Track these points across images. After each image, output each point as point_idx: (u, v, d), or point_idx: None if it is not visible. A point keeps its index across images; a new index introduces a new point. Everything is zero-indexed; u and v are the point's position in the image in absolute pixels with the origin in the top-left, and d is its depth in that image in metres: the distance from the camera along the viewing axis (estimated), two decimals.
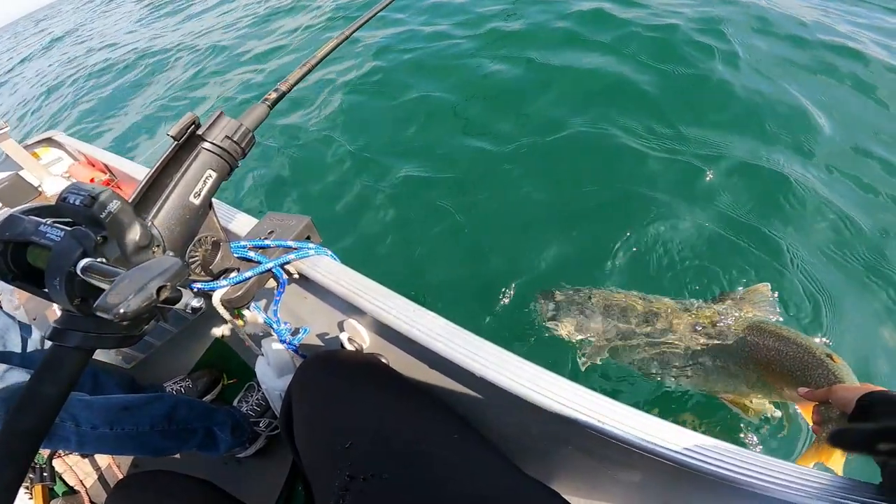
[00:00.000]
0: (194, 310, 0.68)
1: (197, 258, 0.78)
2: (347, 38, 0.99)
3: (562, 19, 3.65)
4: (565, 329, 1.60)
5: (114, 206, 0.58)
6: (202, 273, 0.80)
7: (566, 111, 2.80)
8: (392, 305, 0.83)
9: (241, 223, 1.06)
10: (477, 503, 0.66)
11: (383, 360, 0.97)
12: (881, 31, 3.36)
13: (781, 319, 1.41)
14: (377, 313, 0.82)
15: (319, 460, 0.78)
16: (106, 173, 1.49)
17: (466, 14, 4.18)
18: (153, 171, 0.69)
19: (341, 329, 0.99)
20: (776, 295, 1.76)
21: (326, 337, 1.07)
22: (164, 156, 0.70)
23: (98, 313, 0.49)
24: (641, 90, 2.84)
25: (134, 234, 0.61)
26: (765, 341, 1.34)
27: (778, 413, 1.39)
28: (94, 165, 1.56)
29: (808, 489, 0.61)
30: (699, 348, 1.42)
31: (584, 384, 0.70)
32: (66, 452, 1.58)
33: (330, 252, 0.96)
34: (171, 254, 0.67)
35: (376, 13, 1.05)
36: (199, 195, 0.71)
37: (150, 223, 0.67)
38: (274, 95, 0.83)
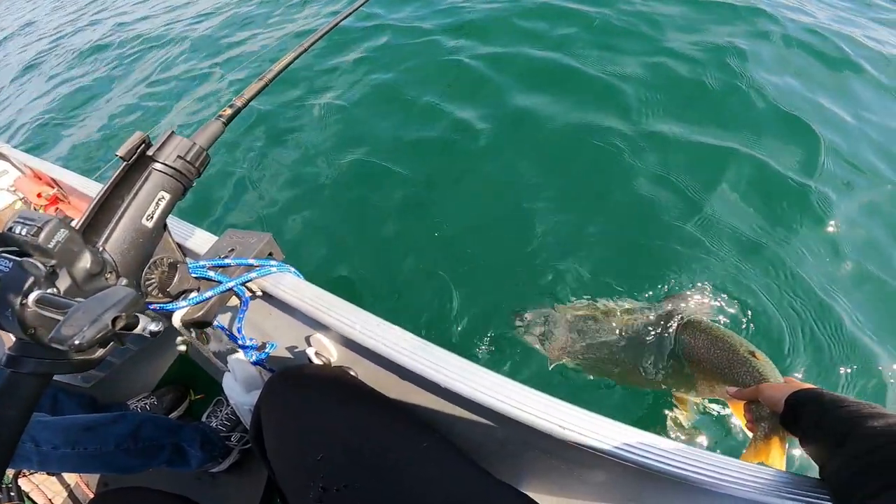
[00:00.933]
0: (153, 333, 0.67)
1: (153, 280, 0.76)
2: (306, 50, 0.98)
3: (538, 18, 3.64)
4: (534, 341, 1.66)
5: (61, 235, 0.57)
6: (160, 295, 0.79)
7: (547, 111, 2.78)
8: (356, 320, 0.83)
9: (201, 241, 1.03)
10: None
11: (351, 373, 0.97)
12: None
13: (721, 319, 1.48)
14: (342, 329, 0.82)
15: (292, 474, 0.79)
16: (54, 187, 1.43)
17: (436, 7, 4.12)
18: (102, 193, 0.67)
19: (308, 343, 0.98)
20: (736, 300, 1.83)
21: (294, 351, 1.06)
22: (114, 177, 0.69)
23: (53, 345, 0.49)
24: (624, 91, 2.83)
25: (84, 262, 0.60)
26: (696, 341, 1.39)
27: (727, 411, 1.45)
28: (40, 178, 1.49)
29: (758, 485, 0.64)
30: (644, 349, 1.47)
31: (548, 389, 0.73)
32: (31, 472, 1.53)
33: (293, 269, 0.95)
34: (123, 282, 0.65)
35: (336, 25, 1.04)
36: (153, 218, 0.70)
37: (101, 248, 0.65)
38: (229, 111, 0.82)
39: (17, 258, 0.56)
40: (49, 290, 0.56)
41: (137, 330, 0.64)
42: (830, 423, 0.71)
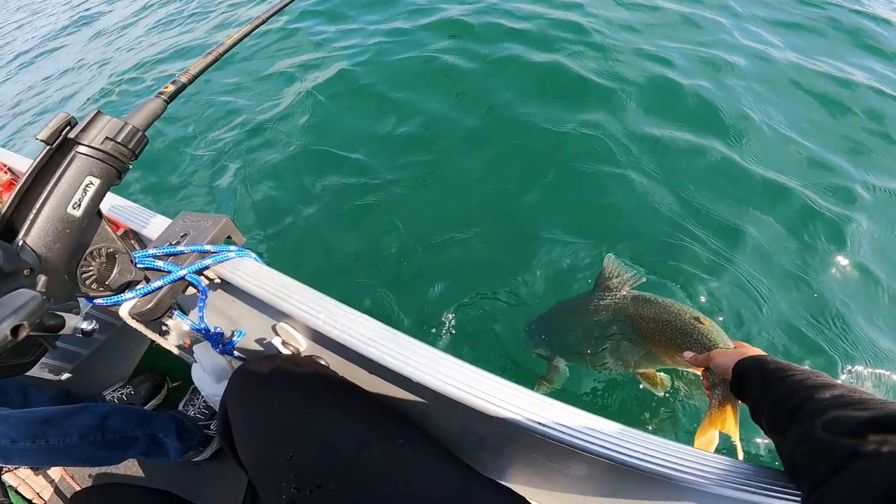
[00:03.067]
0: (85, 333, 0.61)
1: (91, 273, 0.70)
2: (258, 26, 0.90)
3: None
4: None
5: None
6: (100, 289, 0.72)
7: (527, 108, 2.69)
8: (320, 309, 0.77)
9: (157, 225, 0.96)
10: None
11: (322, 363, 0.92)
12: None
13: (644, 280, 1.44)
14: (306, 319, 0.76)
15: (263, 474, 0.75)
16: (6, 173, 1.34)
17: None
18: (22, 183, 0.60)
19: (275, 332, 0.93)
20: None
21: (262, 340, 1.01)
22: (35, 163, 0.61)
23: None
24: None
25: None
26: (642, 313, 1.35)
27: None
28: None
29: (739, 480, 0.61)
30: (600, 336, 1.45)
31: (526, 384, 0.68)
32: (15, 466, 1.50)
33: (253, 254, 0.88)
34: (42, 279, 0.58)
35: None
36: (80, 205, 0.62)
37: (20, 243, 0.59)
38: (172, 88, 0.74)
39: None
40: None
41: (66, 331, 0.58)
42: (778, 397, 0.69)
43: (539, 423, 0.62)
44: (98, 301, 0.74)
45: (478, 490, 0.71)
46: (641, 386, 1.45)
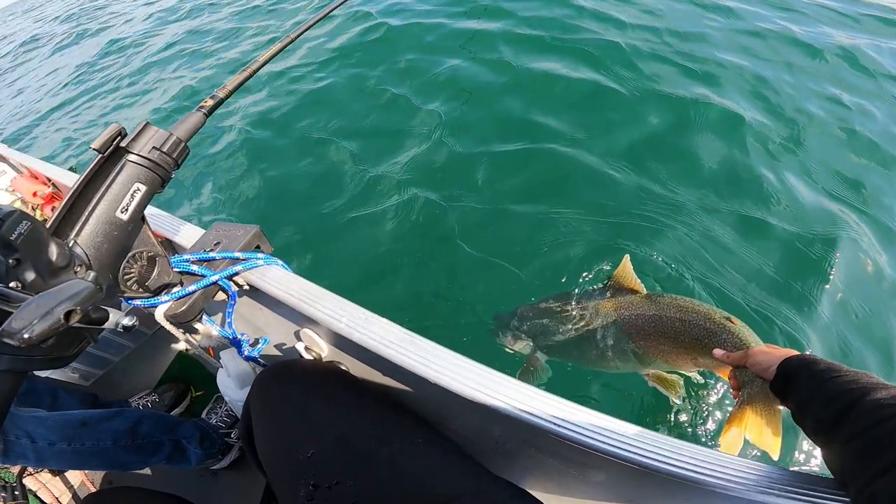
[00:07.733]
0: (126, 328, 0.65)
1: (132, 274, 0.74)
2: (292, 41, 0.96)
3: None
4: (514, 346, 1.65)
5: (24, 227, 0.55)
6: (139, 290, 0.77)
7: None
8: (343, 314, 0.80)
9: (189, 235, 1.02)
10: None
11: (343, 368, 0.95)
12: None
13: (659, 288, 1.43)
14: (329, 323, 0.80)
15: (282, 471, 0.76)
16: (49, 186, 1.43)
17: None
18: (75, 187, 0.66)
19: (298, 338, 0.96)
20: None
21: (285, 347, 1.04)
22: (88, 170, 0.67)
23: (4, 339, 0.47)
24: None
25: (50, 254, 0.58)
26: (666, 314, 1.30)
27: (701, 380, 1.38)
28: (36, 178, 1.49)
29: (763, 484, 0.61)
30: (611, 334, 1.40)
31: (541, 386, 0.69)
32: (37, 470, 1.54)
33: (280, 262, 0.93)
34: (91, 276, 0.63)
35: (322, 18, 1.02)
36: (127, 210, 0.67)
37: (72, 242, 0.63)
38: (210, 102, 0.80)
39: None
40: (11, 284, 0.54)
41: (109, 325, 0.62)
42: (829, 395, 0.66)
43: (558, 426, 0.64)
44: (136, 302, 0.79)
45: (495, 490, 0.71)
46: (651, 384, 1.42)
